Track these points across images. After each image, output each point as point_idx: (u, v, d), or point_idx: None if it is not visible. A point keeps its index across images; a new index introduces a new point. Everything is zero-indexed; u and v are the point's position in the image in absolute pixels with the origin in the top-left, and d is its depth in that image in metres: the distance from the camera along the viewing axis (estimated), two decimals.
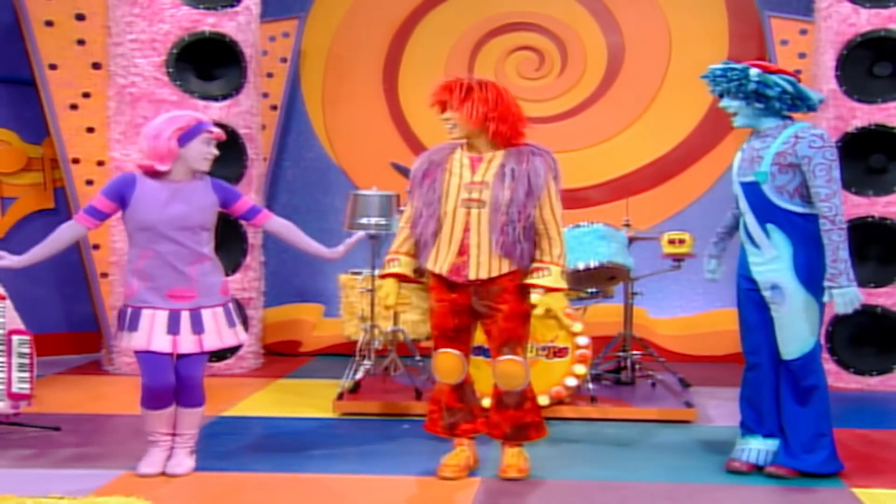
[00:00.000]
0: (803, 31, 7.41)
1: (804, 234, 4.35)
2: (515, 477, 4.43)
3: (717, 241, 4.91)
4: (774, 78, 4.39)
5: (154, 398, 4.41)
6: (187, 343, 4.36)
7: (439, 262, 4.28)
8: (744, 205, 4.46)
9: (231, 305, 4.56)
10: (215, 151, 4.47)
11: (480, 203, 4.19)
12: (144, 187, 4.37)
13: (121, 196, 4.38)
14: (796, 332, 4.40)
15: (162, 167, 4.36)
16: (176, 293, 4.37)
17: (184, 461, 4.51)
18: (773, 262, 4.39)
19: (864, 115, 6.56)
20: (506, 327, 4.31)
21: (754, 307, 4.52)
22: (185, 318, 4.36)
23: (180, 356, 4.43)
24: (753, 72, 4.40)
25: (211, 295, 4.44)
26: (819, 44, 6.84)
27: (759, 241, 4.42)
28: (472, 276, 4.23)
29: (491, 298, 4.28)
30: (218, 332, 4.44)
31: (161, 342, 4.33)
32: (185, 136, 4.36)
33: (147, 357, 4.36)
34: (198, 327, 4.38)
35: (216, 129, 4.48)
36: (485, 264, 4.22)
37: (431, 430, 4.58)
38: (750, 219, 4.43)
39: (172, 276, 4.36)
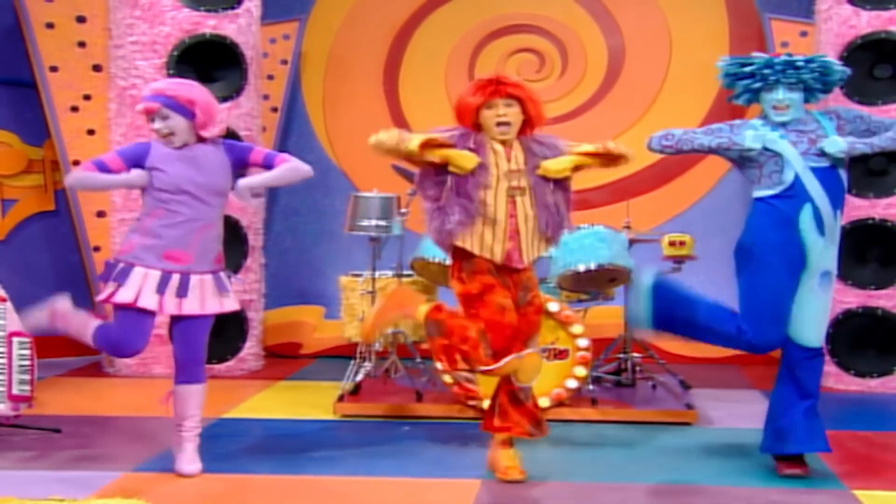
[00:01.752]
0: (803, 33, 7.41)
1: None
2: (519, 479, 4.41)
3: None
4: (836, 67, 4.44)
5: (118, 351, 4.46)
6: (170, 304, 4.32)
7: (488, 248, 4.23)
8: (818, 190, 4.28)
9: (223, 274, 4.52)
10: (157, 126, 4.34)
11: (521, 190, 4.24)
12: (161, 152, 4.38)
13: (137, 159, 4.36)
14: (826, 322, 4.51)
15: (156, 139, 4.44)
16: (173, 255, 4.34)
17: (195, 457, 4.48)
18: (829, 248, 4.37)
19: None
20: (535, 321, 4.43)
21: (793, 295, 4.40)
22: (174, 280, 4.32)
23: (177, 329, 4.43)
24: (838, 65, 4.44)
25: (203, 261, 4.41)
26: (819, 46, 6.84)
27: (828, 229, 4.32)
28: (525, 261, 4.29)
29: (529, 290, 4.37)
30: (201, 298, 4.39)
31: (149, 300, 4.29)
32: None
33: (129, 313, 4.31)
34: (182, 290, 4.34)
35: (140, 107, 4.38)
36: (532, 248, 4.29)
37: (489, 429, 4.49)
38: (824, 205, 4.28)
39: (177, 237, 4.33)
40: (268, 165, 4.51)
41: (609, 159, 4.33)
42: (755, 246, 4.39)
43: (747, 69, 4.41)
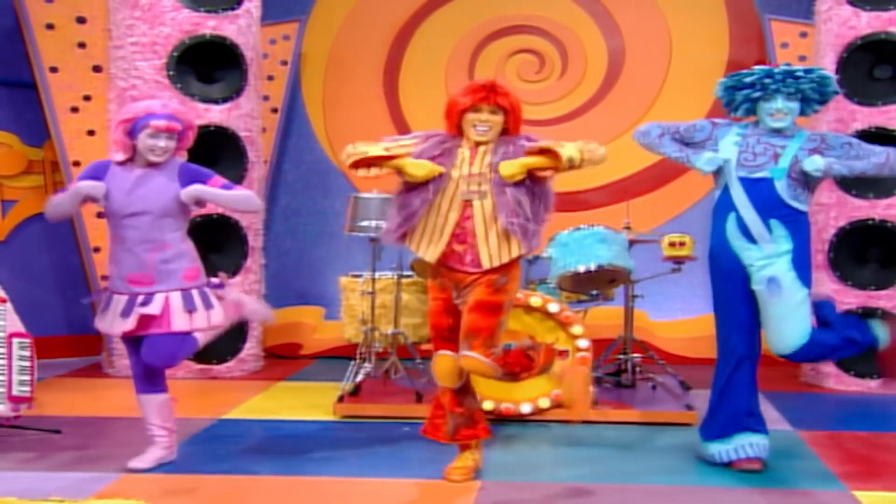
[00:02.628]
0: (803, 34, 7.42)
1: (801, 229, 4.50)
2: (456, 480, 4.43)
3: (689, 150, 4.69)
4: (832, 79, 4.56)
5: (137, 379, 4.56)
6: (129, 323, 4.38)
7: (429, 249, 4.26)
8: (742, 200, 4.47)
9: (196, 292, 4.47)
10: (162, 144, 4.42)
11: (482, 194, 4.21)
12: (114, 174, 4.49)
13: (96, 177, 4.48)
14: (795, 324, 4.43)
15: (119, 157, 4.49)
16: (135, 278, 4.42)
17: (147, 454, 4.57)
18: (771, 256, 4.45)
19: (865, 117, 6.56)
20: (470, 318, 4.21)
21: (744, 303, 4.54)
22: (138, 301, 4.40)
23: (144, 343, 4.43)
24: (833, 77, 4.57)
25: (169, 280, 4.42)
26: (819, 46, 6.85)
27: (758, 237, 4.45)
28: (485, 265, 4.21)
29: (471, 289, 4.25)
30: (167, 315, 4.38)
31: (118, 325, 4.43)
32: (132, 129, 4.44)
33: (123, 337, 4.52)
34: (145, 305, 4.39)
35: (161, 122, 4.41)
36: (495, 253, 4.21)
37: (431, 435, 4.52)
38: (749, 214, 4.45)
39: (132, 261, 4.42)
40: (220, 186, 4.56)
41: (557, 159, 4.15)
42: (710, 259, 4.74)
43: (748, 79, 4.52)
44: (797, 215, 4.47)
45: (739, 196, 4.48)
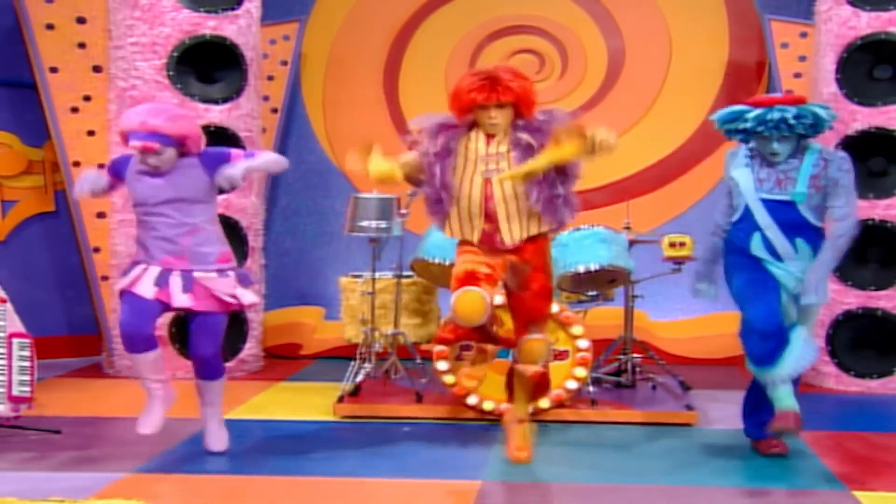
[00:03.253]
0: (803, 34, 7.41)
1: (819, 245, 4.61)
2: (527, 459, 4.47)
3: (706, 270, 4.97)
4: (826, 116, 4.63)
5: (128, 339, 4.50)
6: (178, 298, 4.48)
7: (466, 229, 4.29)
8: (766, 220, 4.57)
9: (233, 273, 4.64)
10: (151, 161, 4.49)
11: (500, 171, 4.20)
12: (136, 166, 4.58)
13: (115, 171, 4.66)
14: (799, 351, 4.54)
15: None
16: (170, 260, 4.53)
17: (220, 435, 4.81)
18: (799, 271, 4.59)
19: (865, 117, 6.56)
20: (535, 307, 4.37)
21: (773, 288, 4.60)
22: (175, 275, 4.50)
23: (192, 329, 4.60)
24: (828, 114, 4.62)
25: (205, 263, 4.56)
26: (819, 47, 6.85)
27: (783, 254, 4.58)
28: (507, 242, 4.24)
29: (522, 272, 4.31)
30: (209, 294, 4.54)
31: (145, 288, 4.47)
32: (125, 143, 4.58)
33: (128, 298, 4.51)
34: (188, 285, 4.50)
35: (137, 144, 4.45)
36: (518, 228, 4.24)
37: (444, 342, 4.62)
38: (774, 234, 4.57)
39: (165, 246, 4.52)
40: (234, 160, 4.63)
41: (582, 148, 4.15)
42: (726, 271, 4.80)
43: (741, 126, 4.61)
44: (818, 231, 4.62)
45: (763, 217, 4.58)
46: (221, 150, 4.72)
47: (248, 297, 4.68)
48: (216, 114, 6.92)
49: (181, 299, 4.50)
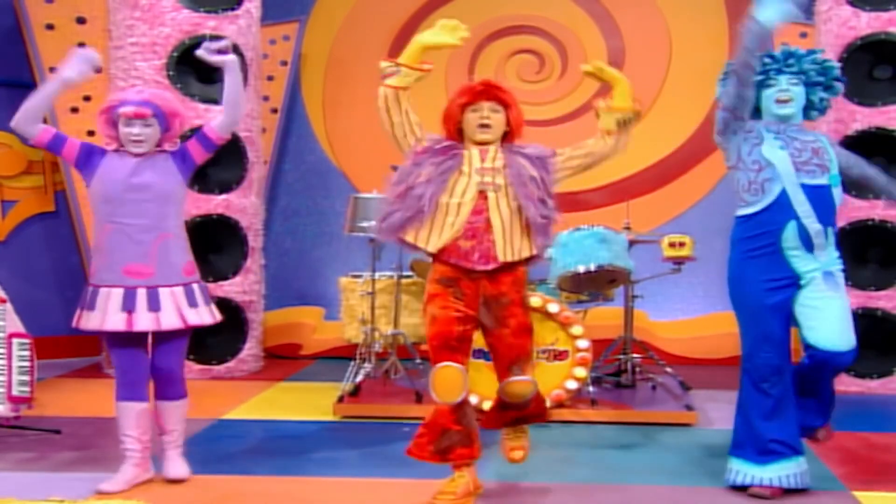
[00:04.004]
0: (803, 35, 7.41)
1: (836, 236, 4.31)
2: (522, 459, 4.33)
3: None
4: (835, 65, 4.41)
5: (131, 386, 4.30)
6: (143, 320, 4.15)
7: (423, 237, 4.02)
8: (805, 208, 4.14)
9: (197, 286, 4.32)
10: (136, 131, 4.22)
11: (497, 186, 3.99)
12: (111, 159, 4.28)
13: (87, 154, 4.28)
14: (849, 323, 4.20)
15: (111, 147, 4.35)
16: (133, 269, 4.18)
17: (180, 465, 4.43)
18: (826, 265, 4.22)
19: (865, 118, 6.56)
20: (516, 344, 4.10)
21: (781, 321, 4.24)
22: (140, 294, 4.17)
23: (155, 345, 4.31)
24: (835, 63, 4.42)
25: (171, 274, 4.23)
26: (819, 47, 6.83)
27: (818, 246, 4.17)
28: (500, 258, 3.99)
29: (503, 306, 4.07)
30: (177, 310, 4.22)
31: (115, 320, 4.15)
32: (111, 119, 4.31)
33: (117, 343, 4.24)
34: (154, 304, 4.18)
35: (129, 109, 4.22)
36: (510, 246, 4.00)
37: (417, 455, 4.16)
38: (812, 223, 4.14)
39: (131, 250, 4.18)
40: (203, 142, 4.37)
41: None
42: (738, 285, 4.29)
43: (784, 55, 4.35)
44: (835, 221, 4.33)
45: (802, 204, 4.14)
46: (184, 144, 4.38)
47: (206, 316, 4.34)
48: (216, 114, 6.90)
49: (144, 321, 4.18)
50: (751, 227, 4.23)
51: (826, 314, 4.16)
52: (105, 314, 4.18)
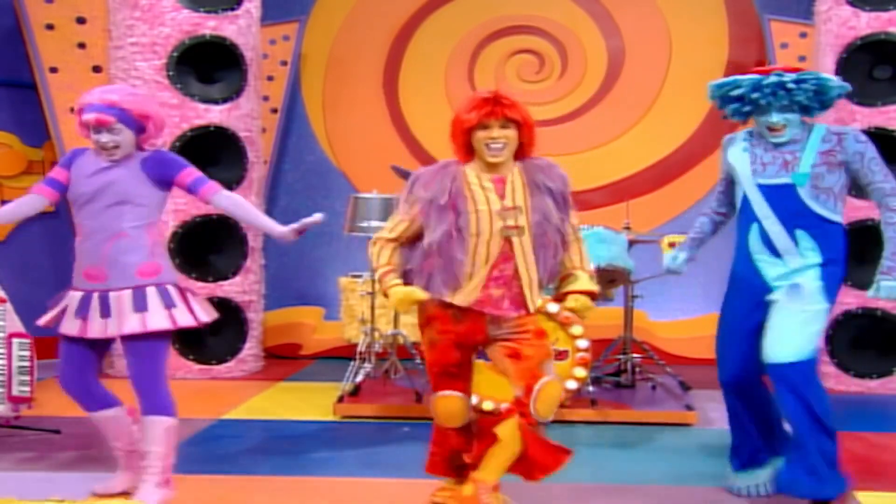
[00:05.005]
0: (803, 35, 7.42)
1: (832, 243, 4.10)
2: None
3: (691, 245, 4.55)
4: (833, 83, 4.11)
5: (72, 397, 4.10)
6: (95, 327, 3.93)
7: (459, 293, 3.75)
8: (764, 210, 4.03)
9: (154, 289, 3.95)
10: (104, 139, 3.91)
11: (520, 230, 3.74)
12: (83, 160, 4.03)
13: (68, 164, 4.05)
14: (801, 334, 3.97)
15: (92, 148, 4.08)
16: (90, 272, 3.98)
17: (150, 492, 3.98)
18: (798, 272, 4.04)
19: (864, 118, 6.56)
20: (538, 343, 3.84)
21: (752, 331, 4.11)
22: (94, 299, 3.96)
23: (125, 355, 4.05)
24: (835, 81, 4.11)
25: (123, 276, 3.93)
26: (819, 47, 6.85)
27: (783, 250, 4.02)
28: (531, 309, 3.77)
29: (514, 333, 3.83)
30: (119, 315, 3.92)
31: (70, 324, 3.99)
32: (82, 122, 3.97)
33: (62, 345, 4.06)
34: (105, 310, 3.94)
35: (90, 117, 3.90)
36: (535, 295, 3.81)
37: (436, 472, 4.05)
38: (773, 225, 4.01)
39: (89, 253, 3.98)
40: (192, 190, 4.05)
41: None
42: (729, 279, 4.29)
43: (734, 93, 4.12)
44: (826, 225, 4.05)
45: (760, 205, 4.04)
46: (174, 159, 4.09)
47: (159, 321, 3.93)
48: (216, 114, 6.92)
49: (96, 328, 3.94)
50: (736, 234, 4.23)
51: (771, 324, 4.01)
52: (62, 316, 4.05)
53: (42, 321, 4.12)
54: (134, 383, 4.00)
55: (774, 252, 4.05)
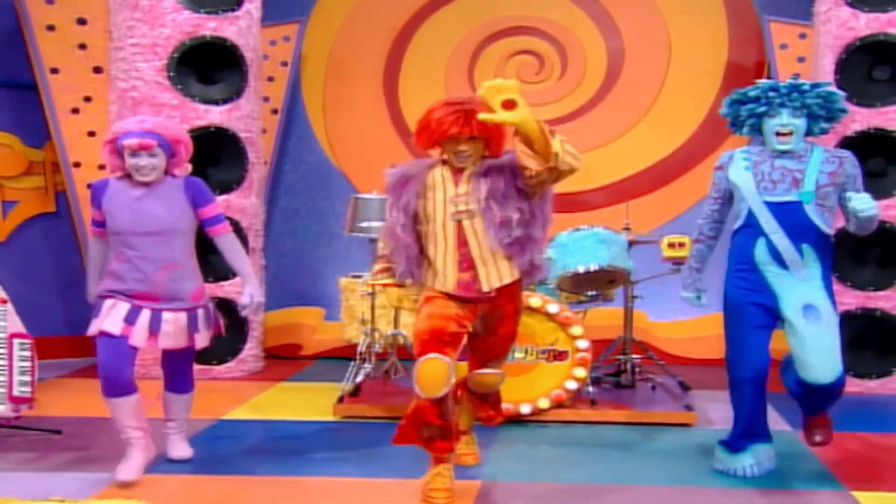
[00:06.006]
0: (802, 35, 7.43)
1: (828, 253, 4.43)
2: (474, 462, 4.61)
3: (692, 277, 4.75)
4: (839, 95, 4.43)
5: (108, 382, 4.33)
6: (139, 336, 4.31)
7: (439, 280, 4.09)
8: (772, 225, 4.32)
9: (202, 311, 4.50)
10: (143, 163, 4.32)
11: (470, 213, 4.02)
12: (115, 191, 4.41)
13: (97, 202, 4.44)
14: (834, 351, 4.31)
15: (115, 175, 4.46)
16: (143, 296, 4.35)
17: (182, 446, 4.77)
18: (805, 281, 4.35)
19: (864, 118, 6.57)
20: (497, 350, 4.32)
21: (760, 330, 4.42)
22: (144, 314, 4.33)
23: (164, 355, 4.61)
24: (840, 94, 4.43)
25: (177, 300, 4.40)
26: (818, 48, 6.85)
27: (790, 262, 4.33)
28: (485, 289, 4.06)
29: (495, 319, 4.19)
30: (175, 334, 4.40)
31: (112, 324, 4.29)
32: (115, 150, 4.39)
33: (103, 338, 4.30)
34: (155, 325, 4.34)
35: (133, 141, 4.29)
36: (494, 273, 4.06)
37: (404, 442, 4.21)
38: (781, 239, 4.31)
39: (139, 280, 4.34)
40: (209, 223, 4.51)
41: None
42: (729, 298, 4.51)
43: (752, 93, 4.40)
44: (824, 238, 4.38)
45: (768, 221, 4.34)
46: (208, 191, 4.53)
47: (202, 340, 4.53)
48: (216, 115, 6.93)
49: (139, 338, 4.32)
50: (734, 246, 4.52)
51: (808, 348, 4.29)
52: (105, 320, 4.32)
53: (90, 332, 4.38)
54: (176, 370, 4.67)
55: (782, 264, 4.35)
